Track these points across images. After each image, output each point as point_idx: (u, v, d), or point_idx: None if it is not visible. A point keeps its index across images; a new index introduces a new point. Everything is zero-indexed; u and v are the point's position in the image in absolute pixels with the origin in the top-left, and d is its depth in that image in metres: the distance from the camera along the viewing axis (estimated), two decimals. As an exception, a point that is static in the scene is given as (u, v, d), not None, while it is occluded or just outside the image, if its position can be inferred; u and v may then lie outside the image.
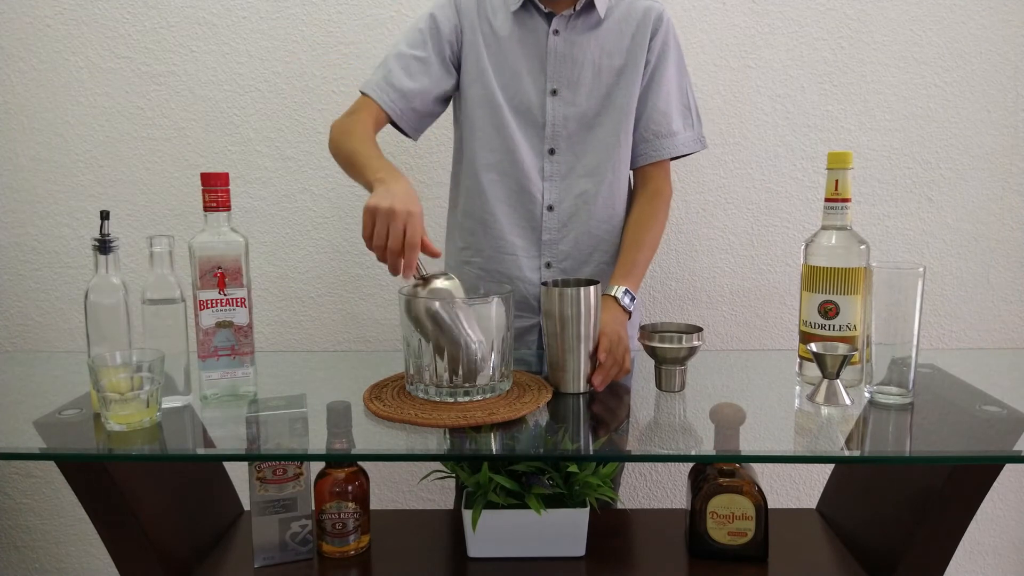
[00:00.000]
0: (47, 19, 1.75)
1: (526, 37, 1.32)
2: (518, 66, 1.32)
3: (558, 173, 1.35)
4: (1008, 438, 0.94)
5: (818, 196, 1.77)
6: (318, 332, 1.87)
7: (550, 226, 1.36)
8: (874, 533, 1.13)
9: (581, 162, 1.34)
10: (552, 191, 1.35)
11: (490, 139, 1.34)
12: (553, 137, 1.34)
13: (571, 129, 1.33)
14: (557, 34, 1.31)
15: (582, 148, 1.34)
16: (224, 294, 1.03)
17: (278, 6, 1.74)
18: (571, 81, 1.32)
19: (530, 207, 1.36)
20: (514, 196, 1.36)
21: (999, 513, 1.92)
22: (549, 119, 1.33)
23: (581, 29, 1.31)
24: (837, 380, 1.01)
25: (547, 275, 1.38)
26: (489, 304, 1.03)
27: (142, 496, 1.05)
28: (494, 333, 1.03)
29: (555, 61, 1.31)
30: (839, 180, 1.08)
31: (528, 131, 1.34)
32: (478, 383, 1.03)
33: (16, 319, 1.87)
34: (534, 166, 1.34)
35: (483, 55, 1.32)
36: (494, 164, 1.35)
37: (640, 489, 1.94)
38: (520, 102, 1.33)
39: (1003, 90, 1.75)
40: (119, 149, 1.80)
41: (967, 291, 1.83)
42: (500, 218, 1.36)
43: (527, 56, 1.32)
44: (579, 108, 1.32)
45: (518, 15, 1.32)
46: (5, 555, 1.97)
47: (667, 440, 0.97)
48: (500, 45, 1.32)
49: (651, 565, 1.13)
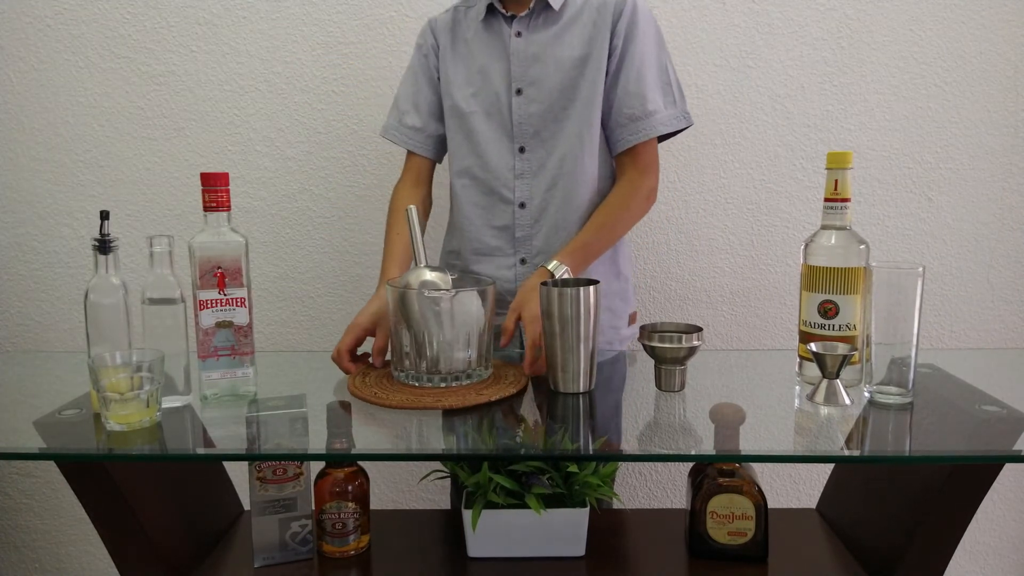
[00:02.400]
0: (47, 19, 1.75)
1: (492, 41, 1.36)
2: (487, 70, 1.36)
3: (529, 170, 1.38)
4: (1008, 438, 0.94)
5: (818, 196, 1.77)
6: (318, 332, 1.87)
7: (523, 223, 1.39)
8: (874, 533, 1.13)
9: (551, 157, 1.36)
10: (523, 188, 1.38)
11: (460, 146, 1.40)
12: (521, 135, 1.36)
13: (538, 126, 1.36)
14: (520, 35, 1.35)
15: (552, 143, 1.36)
16: (224, 294, 1.03)
17: (278, 6, 1.74)
18: (535, 79, 1.34)
19: (502, 207, 1.39)
20: (486, 199, 1.40)
21: (999, 513, 1.92)
22: (516, 118, 1.36)
23: (541, 27, 1.34)
24: (837, 380, 1.01)
25: (522, 271, 1.40)
26: (468, 295, 1.09)
27: (142, 496, 1.05)
28: (472, 325, 1.09)
29: (518, 61, 1.35)
30: (839, 180, 1.08)
31: (498, 132, 1.37)
32: (450, 370, 1.09)
33: (16, 319, 1.87)
34: (505, 166, 1.37)
35: (455, 69, 1.39)
36: (465, 170, 1.41)
37: (640, 489, 1.94)
38: (491, 104, 1.37)
39: (1003, 90, 1.75)
40: (119, 149, 1.80)
41: (967, 291, 1.83)
42: (475, 220, 1.41)
43: (494, 59, 1.36)
44: (544, 104, 1.34)
45: (486, 21, 1.37)
46: (5, 555, 1.97)
47: (667, 440, 0.97)
48: (470, 53, 1.38)
49: (651, 565, 1.13)
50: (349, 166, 1.80)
